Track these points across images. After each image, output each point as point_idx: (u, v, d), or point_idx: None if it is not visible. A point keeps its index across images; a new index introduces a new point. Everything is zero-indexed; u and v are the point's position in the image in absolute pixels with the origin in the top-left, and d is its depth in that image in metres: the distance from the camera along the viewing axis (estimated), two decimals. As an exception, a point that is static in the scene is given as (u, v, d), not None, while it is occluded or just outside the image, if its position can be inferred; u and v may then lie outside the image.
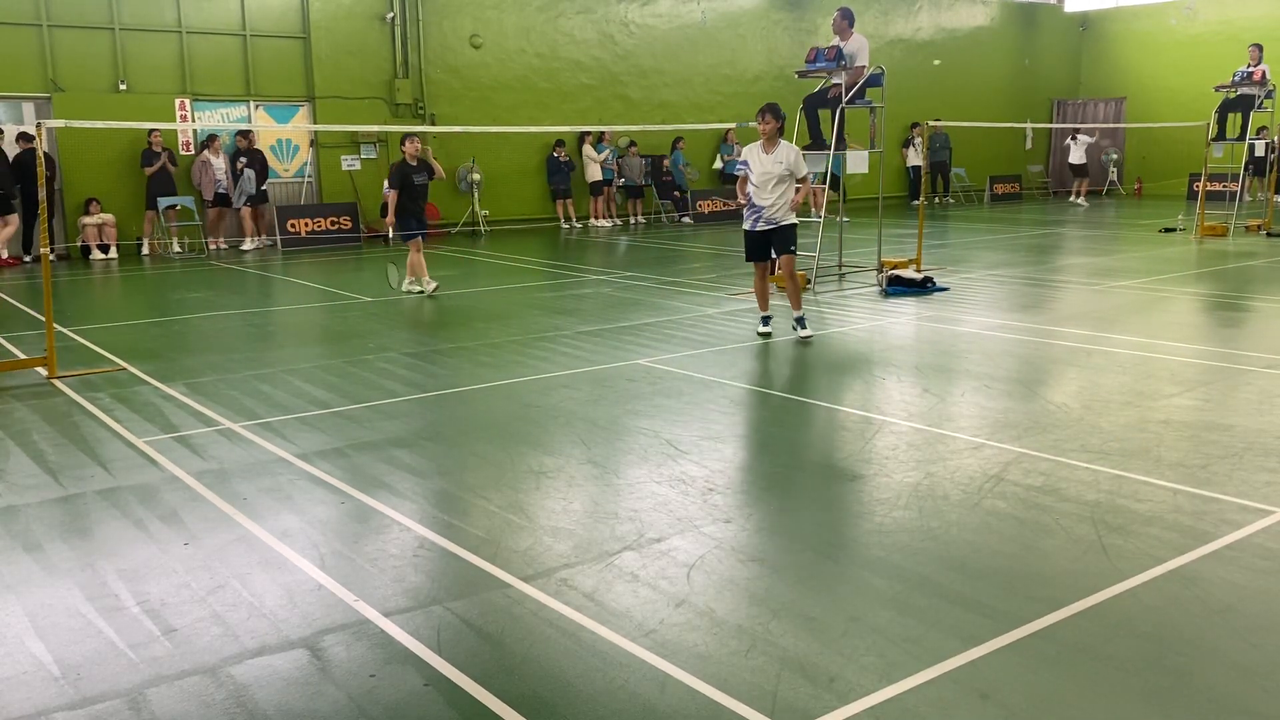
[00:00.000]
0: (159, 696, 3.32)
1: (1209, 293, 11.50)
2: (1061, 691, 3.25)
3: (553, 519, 4.81)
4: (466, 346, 8.95)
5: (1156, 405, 6.62)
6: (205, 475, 5.50)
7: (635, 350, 8.56)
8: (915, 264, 12.83)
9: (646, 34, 21.96)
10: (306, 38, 18.17)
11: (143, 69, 16.80)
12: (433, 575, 4.21)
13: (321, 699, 3.29)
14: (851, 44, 11.89)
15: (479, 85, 19.93)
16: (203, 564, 4.34)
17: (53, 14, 16.01)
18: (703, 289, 12.06)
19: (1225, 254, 14.77)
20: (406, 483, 5.35)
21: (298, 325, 10.66)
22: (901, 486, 5.14)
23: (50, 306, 8.18)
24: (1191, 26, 27.07)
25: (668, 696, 3.25)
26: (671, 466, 5.51)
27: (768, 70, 23.47)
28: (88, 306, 11.91)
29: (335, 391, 7.33)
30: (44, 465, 5.74)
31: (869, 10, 25.01)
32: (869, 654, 3.49)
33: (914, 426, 6.24)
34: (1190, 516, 4.68)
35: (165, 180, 16.67)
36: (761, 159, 8.93)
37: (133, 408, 6.95)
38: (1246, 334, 9.27)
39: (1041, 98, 29.11)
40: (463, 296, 12.00)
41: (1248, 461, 5.43)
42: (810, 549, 4.43)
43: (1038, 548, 4.42)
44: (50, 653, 3.60)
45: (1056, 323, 9.69)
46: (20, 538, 4.67)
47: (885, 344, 8.92)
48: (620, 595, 3.97)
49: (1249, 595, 3.89)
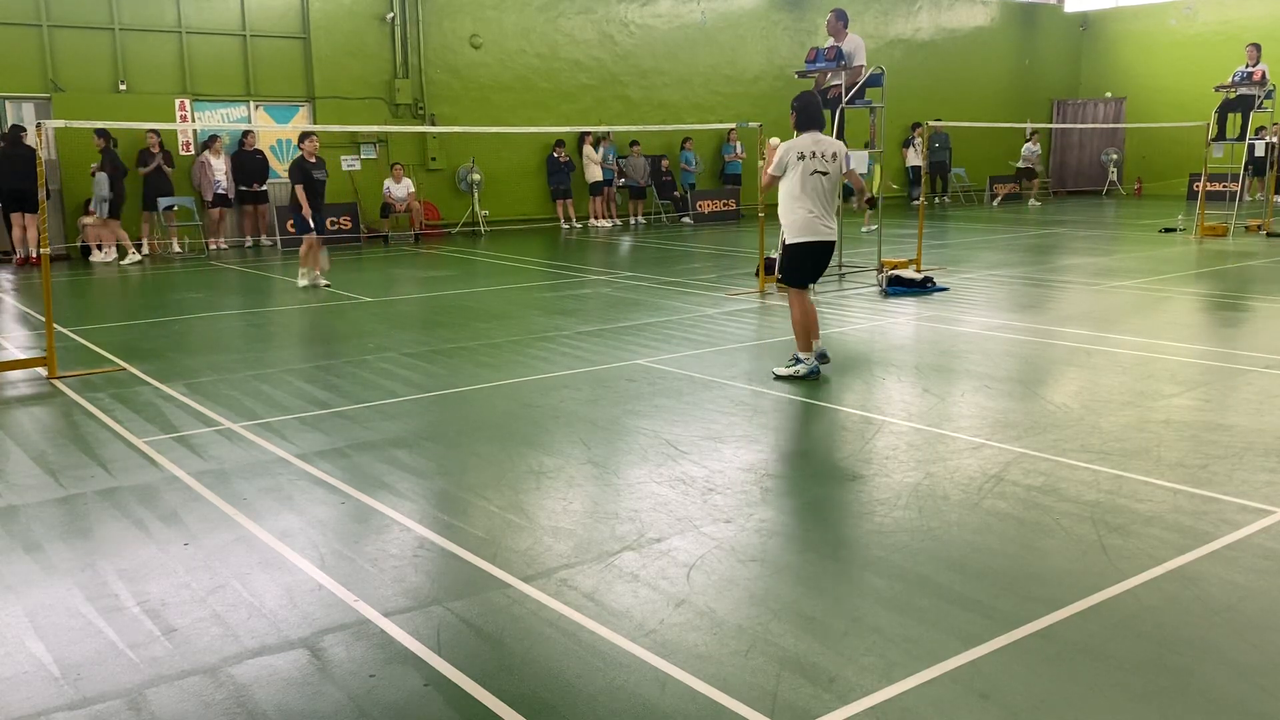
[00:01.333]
0: (159, 696, 3.32)
1: (1209, 293, 11.50)
2: (1061, 691, 3.25)
3: (553, 519, 4.81)
4: (466, 346, 8.95)
5: (1156, 405, 6.62)
6: (205, 475, 5.50)
7: (635, 350, 8.56)
8: (915, 264, 12.83)
9: (646, 34, 21.97)
10: (306, 38, 18.17)
11: (143, 69, 16.80)
12: (433, 575, 4.21)
13: (321, 699, 3.29)
14: (848, 44, 11.89)
15: (479, 85, 19.94)
16: (203, 564, 4.34)
17: (53, 14, 16.02)
18: (703, 289, 12.06)
19: (1225, 254, 14.77)
20: (406, 483, 5.35)
21: (298, 325, 10.66)
22: (901, 486, 5.14)
23: (50, 306, 8.19)
24: (1191, 26, 27.09)
25: (668, 696, 3.25)
26: (671, 466, 5.51)
27: (768, 70, 23.47)
28: (88, 306, 11.91)
29: (335, 391, 7.33)
30: (44, 465, 5.74)
31: (869, 10, 25.02)
32: (869, 654, 3.49)
33: (914, 426, 6.24)
34: (1190, 516, 4.68)
35: (163, 181, 16.67)
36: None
37: (133, 408, 6.95)
38: (1246, 334, 9.27)
39: (1041, 98, 29.11)
40: (463, 296, 12.01)
41: (1248, 461, 5.43)
42: (810, 549, 4.43)
43: (1038, 548, 4.42)
44: (50, 653, 3.60)
45: (1056, 323, 9.69)
46: (20, 538, 4.67)
47: (885, 344, 8.92)
48: (620, 595, 3.97)
49: (1249, 595, 3.89)
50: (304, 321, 10.82)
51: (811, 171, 7.35)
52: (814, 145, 7.41)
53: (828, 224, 7.50)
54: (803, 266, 7.57)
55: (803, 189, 7.37)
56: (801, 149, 7.38)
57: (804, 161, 7.35)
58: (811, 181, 7.36)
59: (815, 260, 7.59)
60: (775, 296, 11.45)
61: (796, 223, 7.46)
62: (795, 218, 7.46)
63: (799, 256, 7.54)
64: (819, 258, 7.60)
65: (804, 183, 7.36)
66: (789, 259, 7.61)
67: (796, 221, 7.46)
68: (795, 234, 7.48)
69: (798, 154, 7.37)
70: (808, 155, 7.36)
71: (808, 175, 7.35)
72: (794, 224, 7.48)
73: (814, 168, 7.36)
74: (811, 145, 7.41)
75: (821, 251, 7.57)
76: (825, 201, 7.44)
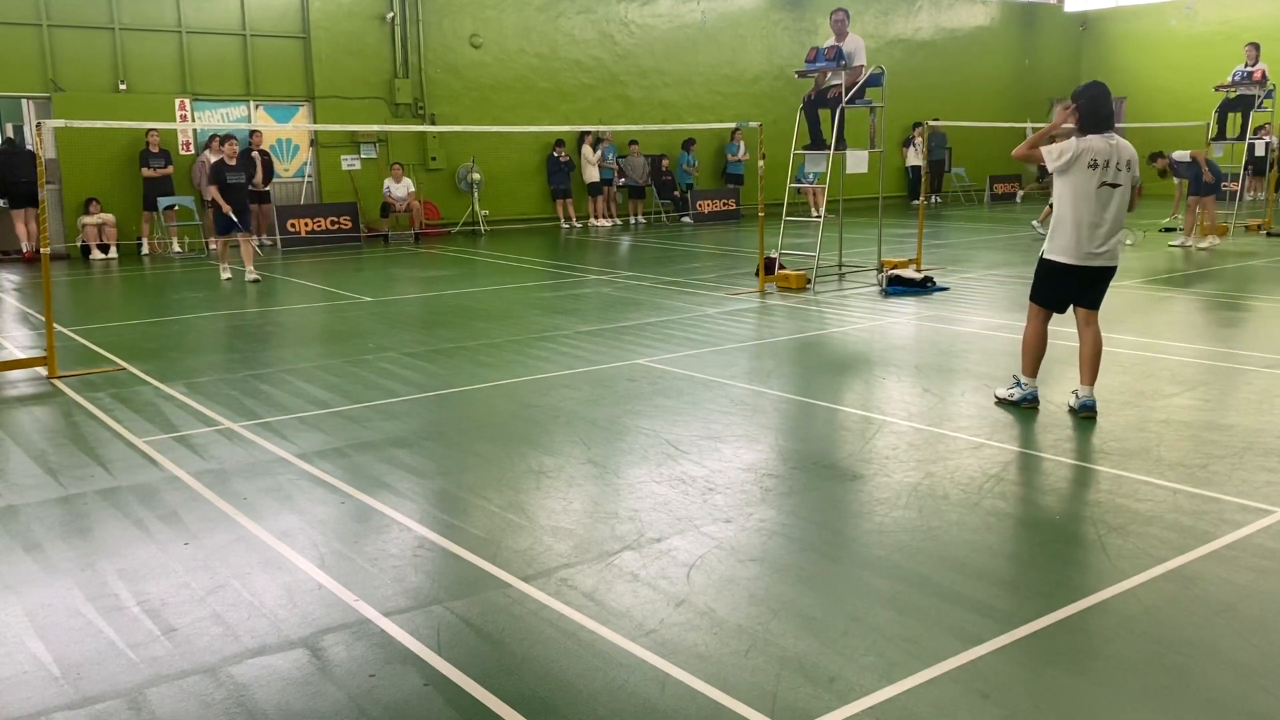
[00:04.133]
0: (159, 696, 3.32)
1: (1209, 292, 11.50)
2: (1061, 691, 3.25)
3: (553, 519, 4.81)
4: (466, 346, 8.95)
5: (1156, 405, 6.62)
6: (205, 475, 5.50)
7: (635, 350, 8.56)
8: (915, 264, 12.83)
9: (646, 34, 21.96)
10: (306, 38, 18.17)
11: (143, 69, 16.80)
12: (433, 575, 4.21)
13: (321, 699, 3.29)
14: (849, 44, 11.90)
15: (479, 85, 19.93)
16: (203, 564, 4.34)
17: (53, 14, 16.02)
18: (703, 289, 12.06)
19: (1225, 254, 14.76)
20: (406, 483, 5.35)
21: (298, 325, 10.66)
22: (901, 486, 5.14)
23: (50, 306, 8.19)
24: (1191, 26, 27.08)
25: (668, 696, 3.25)
26: (671, 466, 5.51)
27: (768, 70, 23.48)
28: (88, 306, 11.91)
29: (335, 391, 7.33)
30: (44, 465, 5.74)
31: (869, 10, 25.02)
32: (869, 654, 3.49)
33: (914, 426, 6.23)
34: (1190, 516, 4.68)
35: (163, 180, 16.67)
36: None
37: (133, 408, 6.95)
38: (1246, 334, 9.27)
39: (1041, 97, 29.09)
40: (463, 296, 12.01)
41: (1248, 461, 5.43)
42: (810, 549, 4.42)
43: (1037, 548, 4.42)
44: (50, 653, 3.60)
45: (1056, 322, 9.64)
46: (20, 538, 4.67)
47: (885, 344, 8.92)
48: (620, 595, 3.97)
49: (1249, 595, 3.89)
50: (304, 321, 10.82)
51: (1100, 184, 6.16)
52: (1109, 153, 6.17)
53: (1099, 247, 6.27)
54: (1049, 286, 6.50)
55: (1083, 200, 6.17)
56: (1095, 155, 6.16)
57: (1095, 171, 6.14)
58: (1100, 194, 6.16)
59: (1066, 284, 6.42)
60: (774, 296, 11.45)
61: (1060, 240, 6.34)
62: (1062, 231, 6.32)
63: (1048, 274, 6.49)
64: (1072, 280, 6.38)
65: (1089, 194, 6.16)
66: (1036, 273, 6.62)
67: (1061, 239, 6.33)
68: (1054, 251, 6.38)
69: (1090, 162, 6.15)
70: (1100, 164, 6.14)
71: (1095, 188, 6.16)
72: (1056, 240, 6.36)
73: (1102, 179, 6.16)
74: (1106, 152, 6.17)
75: (1078, 275, 6.35)
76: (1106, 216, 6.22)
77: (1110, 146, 6.17)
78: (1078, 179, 6.18)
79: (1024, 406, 6.59)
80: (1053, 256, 6.37)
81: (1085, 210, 6.18)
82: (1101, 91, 6.25)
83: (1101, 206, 6.17)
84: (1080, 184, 6.17)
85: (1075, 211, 6.21)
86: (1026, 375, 6.62)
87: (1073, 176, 6.19)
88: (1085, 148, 6.16)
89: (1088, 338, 6.46)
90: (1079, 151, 6.16)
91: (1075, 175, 6.18)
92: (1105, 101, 6.24)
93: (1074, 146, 6.18)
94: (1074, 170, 6.18)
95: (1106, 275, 6.41)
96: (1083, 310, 6.48)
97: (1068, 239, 6.26)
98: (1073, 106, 6.30)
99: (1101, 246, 6.25)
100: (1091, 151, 6.15)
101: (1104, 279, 6.42)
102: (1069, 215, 6.24)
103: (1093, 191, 6.15)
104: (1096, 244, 6.24)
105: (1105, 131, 6.22)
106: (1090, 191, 6.15)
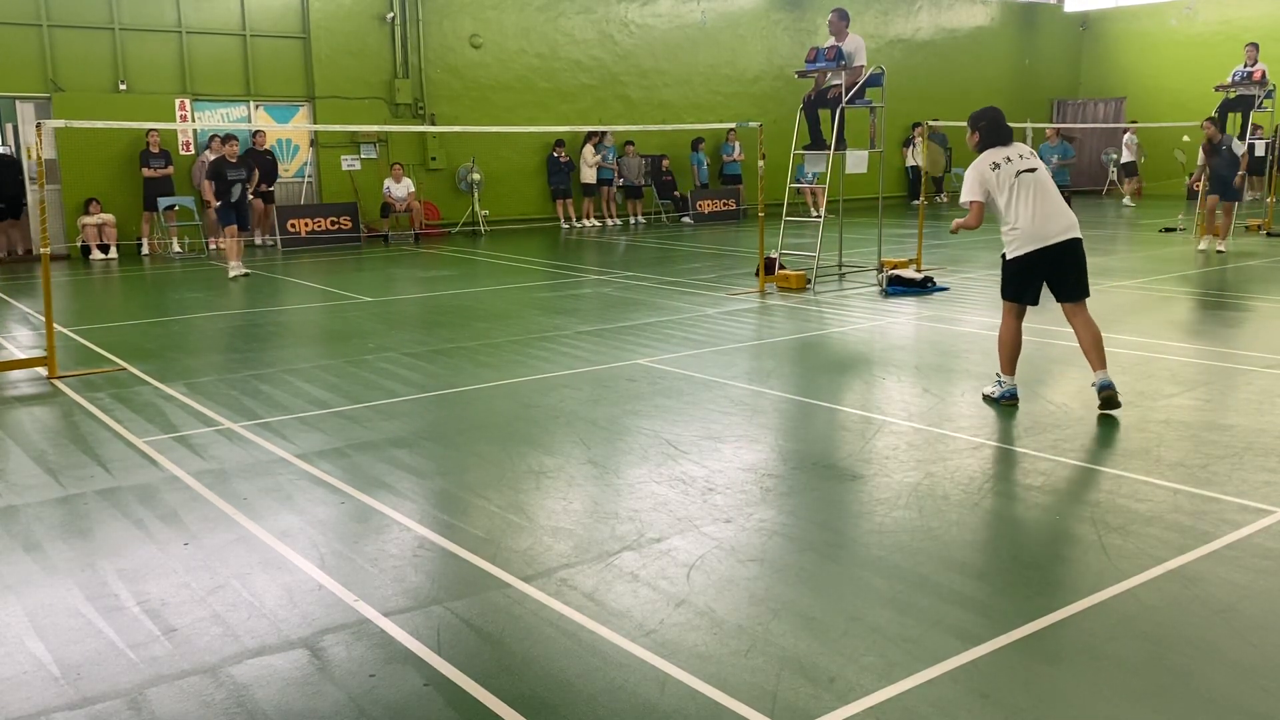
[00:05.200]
0: (159, 696, 3.32)
1: (1209, 293, 11.50)
2: (1061, 691, 3.25)
3: (553, 519, 4.81)
4: (466, 346, 8.95)
5: (1156, 405, 6.62)
6: (205, 475, 5.50)
7: (635, 350, 8.56)
8: (915, 264, 12.83)
9: (646, 34, 21.97)
10: (306, 38, 18.18)
11: (143, 69, 16.81)
12: (433, 575, 4.21)
13: (321, 699, 3.29)
14: (849, 44, 11.90)
15: (479, 85, 19.94)
16: (203, 564, 4.34)
17: (53, 14, 16.02)
18: (703, 289, 12.06)
19: (1225, 254, 14.76)
20: (406, 483, 5.35)
21: (298, 325, 10.66)
22: (901, 486, 5.14)
23: (50, 306, 8.19)
24: (1191, 26, 27.08)
25: (668, 696, 3.25)
26: (671, 466, 5.51)
27: (768, 70, 23.48)
28: (88, 306, 11.91)
29: (335, 391, 7.33)
30: (44, 465, 5.74)
31: (869, 10, 25.02)
32: (869, 654, 3.49)
33: (914, 426, 6.23)
34: (1190, 516, 4.68)
35: (163, 180, 16.67)
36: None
37: (133, 408, 6.95)
38: (1246, 334, 9.27)
39: (1041, 98, 29.10)
40: (463, 296, 12.01)
41: (1248, 461, 5.43)
42: (810, 549, 4.42)
43: (1037, 548, 4.42)
44: (50, 653, 3.60)
45: (1056, 322, 9.65)
46: (20, 538, 4.67)
47: (885, 344, 8.92)
48: (620, 595, 3.97)
49: (1249, 595, 3.89)
50: (304, 321, 10.82)
51: (1016, 174, 6.42)
52: (1006, 150, 6.54)
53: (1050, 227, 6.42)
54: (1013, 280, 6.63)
55: (1013, 199, 6.43)
56: (994, 158, 6.51)
57: (999, 170, 6.46)
58: (1022, 182, 6.41)
59: (1032, 274, 6.52)
60: (774, 296, 11.46)
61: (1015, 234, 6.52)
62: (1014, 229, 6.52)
63: (1014, 272, 6.63)
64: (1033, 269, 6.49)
65: (1013, 189, 6.42)
66: (1001, 274, 6.76)
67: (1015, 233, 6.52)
68: (1013, 250, 6.56)
69: (991, 164, 6.48)
70: (1002, 161, 6.48)
71: (1013, 180, 6.42)
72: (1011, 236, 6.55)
73: (1017, 168, 6.44)
74: (1004, 151, 6.54)
75: (1041, 259, 6.44)
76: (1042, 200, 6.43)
77: (1006, 148, 6.54)
78: (998, 186, 6.46)
79: (1004, 403, 6.66)
80: (1014, 253, 6.52)
81: (1022, 205, 6.39)
82: (998, 113, 6.68)
83: (1031, 194, 6.39)
84: (1001, 186, 6.45)
85: (1014, 212, 6.42)
86: (1005, 373, 6.74)
87: (993, 190, 6.48)
88: (984, 158, 6.53)
89: (1081, 329, 6.54)
90: (982, 167, 6.50)
91: (993, 186, 6.47)
92: (1002, 120, 6.64)
93: (976, 164, 6.55)
94: (990, 184, 6.48)
95: (1071, 252, 6.44)
96: (1067, 305, 6.57)
97: (1021, 235, 6.44)
98: (974, 131, 6.68)
99: (1053, 224, 6.39)
100: (990, 157, 6.51)
101: (1070, 257, 6.45)
102: (1012, 218, 6.45)
103: (1014, 185, 6.41)
104: (1049, 224, 6.38)
105: (1006, 144, 6.57)
106: (1012, 186, 6.42)
